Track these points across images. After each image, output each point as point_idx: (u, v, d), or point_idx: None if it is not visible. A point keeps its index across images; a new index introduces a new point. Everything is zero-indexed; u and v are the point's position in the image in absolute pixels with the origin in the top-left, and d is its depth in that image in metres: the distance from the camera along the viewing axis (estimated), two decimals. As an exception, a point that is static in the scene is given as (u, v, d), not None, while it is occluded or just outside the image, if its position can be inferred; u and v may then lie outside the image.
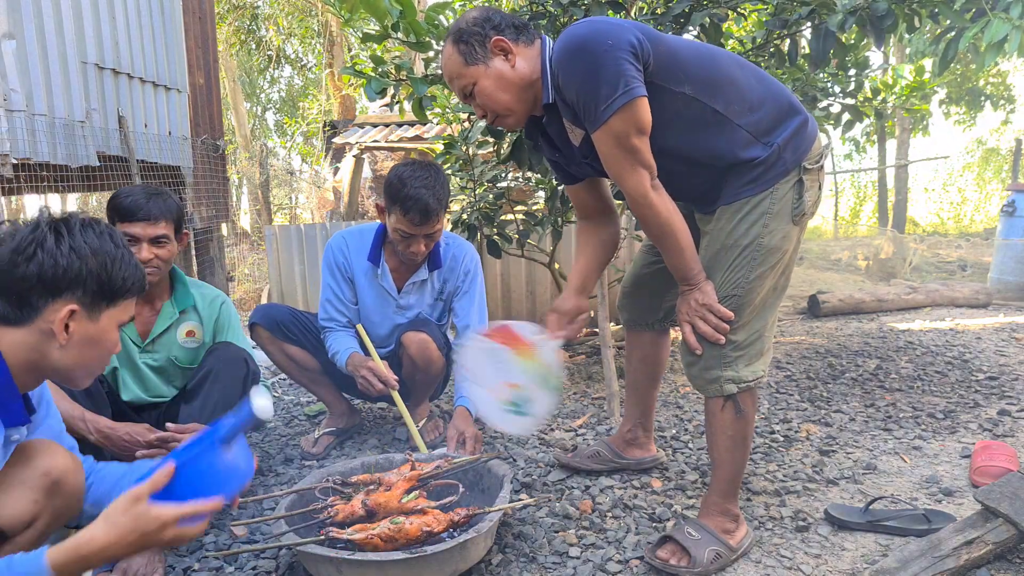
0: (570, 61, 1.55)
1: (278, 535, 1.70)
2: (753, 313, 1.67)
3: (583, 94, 1.54)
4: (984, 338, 4.09)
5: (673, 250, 1.66)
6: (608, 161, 1.59)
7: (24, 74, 2.91)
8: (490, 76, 1.65)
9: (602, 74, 1.50)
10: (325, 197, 10.62)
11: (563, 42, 1.57)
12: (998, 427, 2.56)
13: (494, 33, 1.65)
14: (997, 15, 2.61)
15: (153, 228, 1.95)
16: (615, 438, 2.25)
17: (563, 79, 1.58)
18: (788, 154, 1.64)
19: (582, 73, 1.52)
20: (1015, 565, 1.58)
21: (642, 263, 2.07)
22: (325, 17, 12.96)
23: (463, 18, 1.70)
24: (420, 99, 2.70)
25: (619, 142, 1.54)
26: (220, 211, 4.95)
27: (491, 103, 1.68)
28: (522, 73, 1.66)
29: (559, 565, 1.70)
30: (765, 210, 1.64)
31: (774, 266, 1.66)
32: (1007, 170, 17.09)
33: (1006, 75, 14.49)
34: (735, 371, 1.66)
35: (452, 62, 1.69)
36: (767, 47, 3.23)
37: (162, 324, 2.10)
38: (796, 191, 1.65)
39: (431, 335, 2.46)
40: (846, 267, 9.31)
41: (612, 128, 1.53)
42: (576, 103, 1.57)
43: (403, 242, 2.37)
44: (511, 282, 5.14)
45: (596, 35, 1.52)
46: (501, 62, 1.65)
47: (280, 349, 2.55)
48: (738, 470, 1.75)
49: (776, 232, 1.65)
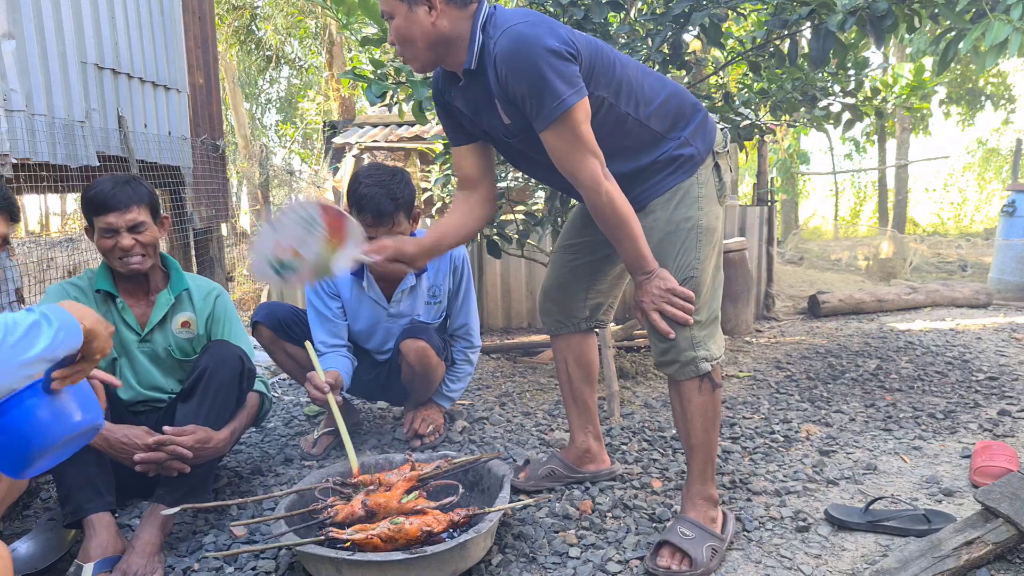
0: (518, 60, 1.57)
1: (278, 535, 1.70)
2: (708, 293, 1.75)
3: (533, 92, 1.57)
4: (984, 338, 4.09)
5: (628, 239, 1.68)
6: (561, 156, 1.63)
7: (24, 74, 2.90)
8: (409, 20, 1.64)
9: (552, 75, 1.55)
10: (325, 197, 10.62)
11: (510, 41, 1.58)
12: (998, 427, 2.56)
13: None
14: (998, 17, 2.61)
15: (126, 215, 1.94)
16: (568, 453, 2.20)
17: (509, 75, 1.59)
18: (699, 143, 1.76)
19: (531, 73, 1.55)
20: (1015, 565, 1.58)
21: (560, 264, 2.08)
22: (324, 19, 12.96)
23: None
24: (420, 101, 2.70)
25: (572, 136, 1.59)
26: (220, 211, 4.95)
27: (400, 41, 1.68)
28: (440, 30, 1.65)
29: (559, 565, 1.70)
30: (697, 194, 1.75)
31: (714, 245, 1.77)
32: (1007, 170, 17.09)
33: (1006, 75, 14.50)
34: (706, 349, 1.72)
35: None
36: (767, 47, 3.23)
37: (159, 311, 2.09)
38: (716, 174, 1.79)
39: (429, 342, 2.45)
40: (846, 267, 9.31)
41: (565, 124, 1.58)
42: (521, 99, 1.60)
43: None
44: (511, 282, 5.13)
45: (543, 36, 1.56)
46: (424, 13, 1.64)
47: (282, 348, 2.55)
48: (712, 450, 1.79)
49: (710, 213, 1.76)
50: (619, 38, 3.02)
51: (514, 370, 3.81)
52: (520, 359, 4.09)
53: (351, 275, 2.52)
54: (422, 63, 1.74)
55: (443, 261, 2.59)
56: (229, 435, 1.98)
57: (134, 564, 1.69)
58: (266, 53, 15.32)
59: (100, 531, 1.74)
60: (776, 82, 3.55)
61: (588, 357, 2.15)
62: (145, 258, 2.01)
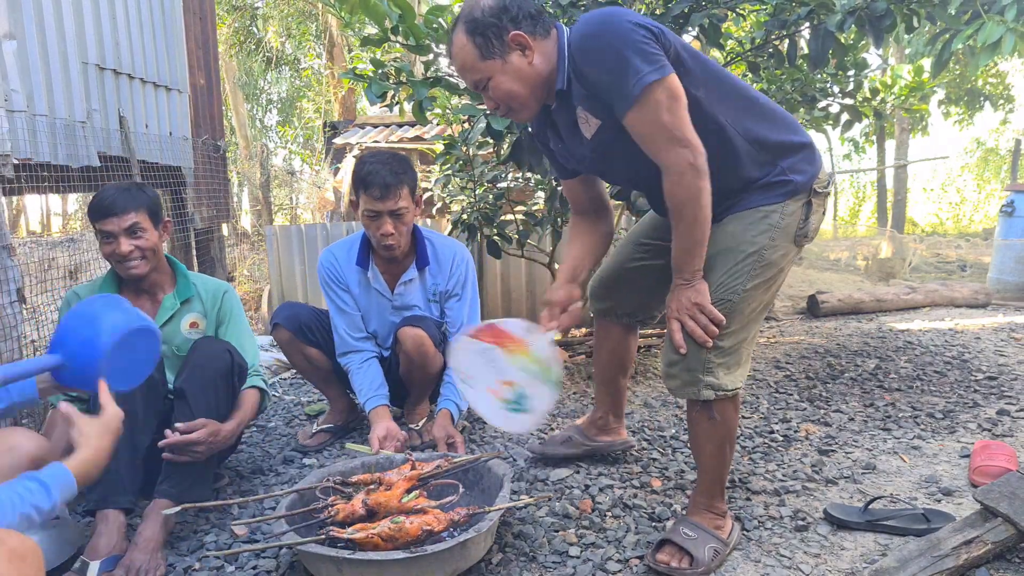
0: (595, 43, 1.50)
1: (279, 534, 1.70)
2: (741, 322, 1.63)
3: (612, 73, 1.48)
4: (983, 338, 4.09)
5: (690, 238, 1.57)
6: (646, 140, 1.52)
7: (25, 75, 2.91)
8: (507, 72, 1.59)
9: (630, 53, 1.45)
10: (325, 197, 10.62)
11: (585, 26, 1.53)
12: (997, 427, 2.57)
13: (512, 26, 1.58)
14: (991, 17, 2.62)
15: (124, 220, 1.97)
16: (586, 422, 2.25)
17: (586, 62, 1.52)
18: (798, 176, 1.65)
19: (609, 54, 1.47)
20: (1014, 565, 1.59)
21: (625, 257, 2.00)
22: (325, 19, 12.97)
23: (476, 4, 1.60)
24: (420, 101, 2.71)
25: (656, 117, 1.48)
26: (221, 211, 4.96)
27: (506, 98, 1.63)
28: (539, 69, 1.61)
29: (559, 564, 1.71)
30: (774, 223, 1.64)
31: (768, 280, 1.66)
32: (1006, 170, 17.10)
33: (1005, 75, 14.51)
34: (715, 377, 1.61)
35: (465, 54, 1.61)
36: (766, 47, 3.24)
37: (163, 315, 2.13)
38: (804, 211, 1.66)
39: (427, 330, 2.47)
40: (845, 267, 9.32)
41: (647, 103, 1.47)
42: (602, 85, 1.52)
43: (372, 224, 2.41)
44: (511, 282, 5.14)
45: (620, 17, 1.49)
46: (519, 58, 1.59)
47: (299, 350, 2.61)
48: (723, 473, 1.74)
49: (779, 247, 1.65)
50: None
51: (514, 370, 3.81)
52: (520, 359, 4.09)
53: (357, 266, 2.56)
54: (531, 110, 1.68)
55: (446, 261, 2.61)
56: (236, 426, 2.03)
57: (137, 560, 1.70)
58: (266, 54, 15.32)
59: (112, 528, 1.76)
60: (775, 83, 3.56)
61: (625, 351, 2.13)
62: (144, 262, 2.03)
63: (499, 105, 1.66)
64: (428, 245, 2.61)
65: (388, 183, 2.33)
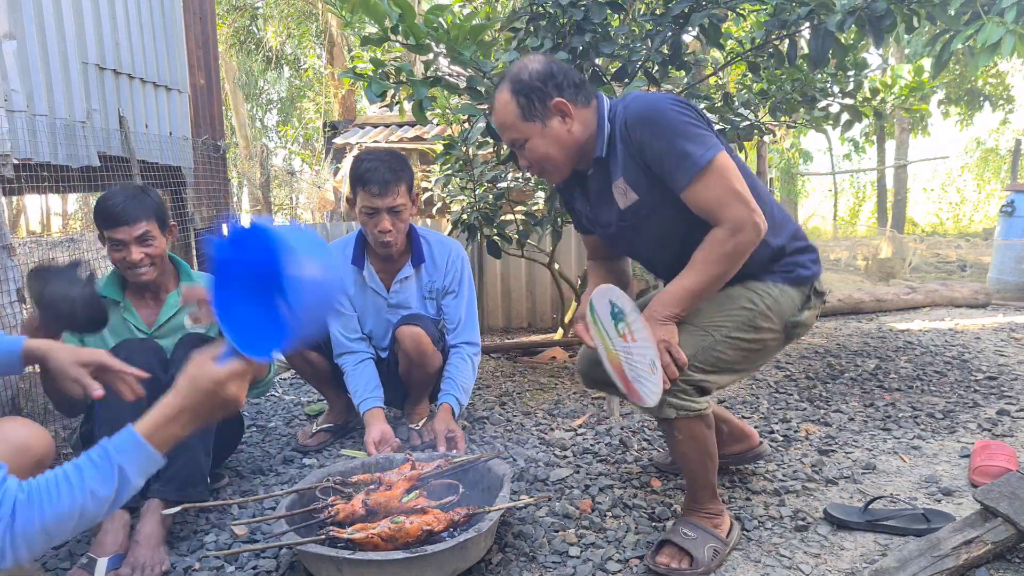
0: (655, 114, 1.59)
1: (279, 534, 1.70)
2: (709, 360, 1.64)
3: (672, 147, 1.56)
4: (983, 338, 4.10)
5: (701, 283, 1.60)
6: (712, 203, 1.57)
7: (25, 74, 2.91)
8: (546, 136, 1.67)
9: (692, 128, 1.56)
10: (325, 197, 10.62)
11: (645, 106, 1.61)
12: (997, 427, 2.57)
13: (555, 93, 1.65)
14: (991, 19, 2.62)
15: (135, 229, 2.00)
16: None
17: (646, 135, 1.60)
18: (804, 270, 1.74)
19: (669, 128, 1.56)
20: (1014, 565, 1.59)
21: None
22: (325, 19, 12.97)
23: (524, 67, 1.68)
24: (420, 101, 2.71)
25: (724, 182, 1.56)
26: (221, 211, 4.95)
27: (540, 160, 1.70)
28: (577, 136, 1.68)
29: (559, 564, 1.71)
30: (775, 297, 1.70)
31: (748, 344, 1.68)
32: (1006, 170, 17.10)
33: (1005, 75, 14.52)
34: (679, 399, 1.61)
35: (507, 113, 1.68)
36: (766, 47, 3.24)
37: (166, 313, 2.15)
38: (800, 302, 1.74)
39: (425, 328, 2.47)
40: (845, 267, 9.32)
41: (712, 172, 1.55)
42: (659, 158, 1.59)
43: (370, 221, 2.41)
44: (511, 282, 5.14)
45: (677, 102, 1.61)
46: (559, 123, 1.66)
47: (299, 353, 2.62)
48: (709, 479, 1.74)
49: (771, 322, 1.70)
50: (619, 38, 3.02)
51: (514, 370, 3.81)
52: (520, 359, 4.10)
53: (352, 265, 2.57)
54: (563, 173, 1.76)
55: (442, 259, 2.62)
56: None
57: (141, 556, 1.71)
58: (266, 54, 15.33)
59: (117, 526, 1.78)
60: (775, 83, 3.56)
61: None
62: (153, 268, 2.08)
63: (532, 164, 1.73)
64: (424, 243, 2.61)
65: (386, 180, 2.34)
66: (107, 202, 2.00)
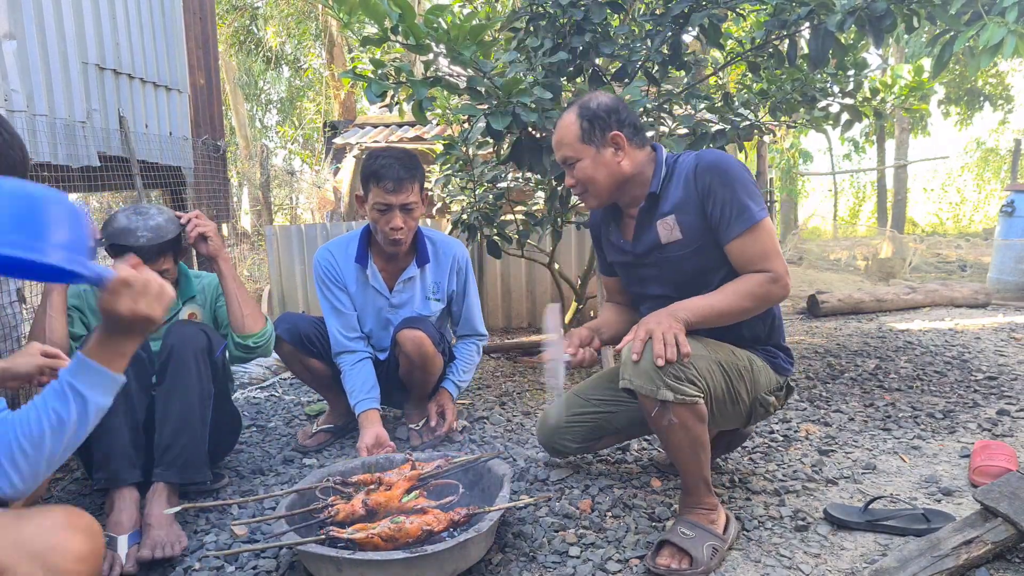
0: (727, 167, 1.78)
1: (279, 534, 1.70)
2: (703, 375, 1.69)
3: (735, 199, 1.75)
4: (983, 338, 4.10)
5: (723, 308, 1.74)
6: (757, 254, 1.76)
7: (25, 75, 2.91)
8: (596, 161, 1.83)
9: (752, 191, 1.78)
10: (325, 197, 10.62)
11: (719, 157, 1.81)
12: (997, 427, 2.57)
13: (616, 127, 1.82)
14: (993, 19, 2.62)
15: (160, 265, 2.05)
16: None
17: (715, 182, 1.77)
18: (784, 363, 1.95)
19: (738, 182, 1.76)
20: (1014, 565, 1.59)
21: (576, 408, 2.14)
22: (325, 19, 12.97)
23: (595, 97, 1.86)
24: (420, 101, 2.71)
25: (770, 240, 1.76)
26: (221, 211, 4.96)
27: (586, 182, 1.86)
28: (624, 170, 1.85)
29: (559, 564, 1.71)
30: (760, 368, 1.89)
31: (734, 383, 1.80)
32: (1006, 170, 17.10)
33: (1005, 75, 14.52)
34: (676, 383, 1.62)
35: (568, 131, 1.84)
36: (766, 48, 3.24)
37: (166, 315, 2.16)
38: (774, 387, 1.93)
39: (426, 332, 2.46)
40: (845, 267, 9.32)
41: (762, 230, 1.76)
42: (720, 205, 1.77)
43: (382, 218, 2.40)
44: (511, 282, 5.14)
45: (743, 165, 1.83)
46: (611, 154, 1.83)
47: (300, 361, 2.61)
48: (703, 472, 1.74)
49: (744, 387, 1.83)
50: (619, 38, 3.03)
51: (514, 370, 3.81)
52: (520, 359, 4.10)
53: (356, 263, 2.56)
54: (601, 201, 1.92)
55: (446, 260, 2.62)
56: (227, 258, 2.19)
57: (159, 536, 1.74)
58: (266, 54, 15.32)
59: (129, 504, 1.81)
60: (775, 83, 3.56)
61: None
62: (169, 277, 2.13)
63: (577, 184, 1.89)
64: (428, 243, 2.61)
65: (401, 177, 2.34)
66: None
